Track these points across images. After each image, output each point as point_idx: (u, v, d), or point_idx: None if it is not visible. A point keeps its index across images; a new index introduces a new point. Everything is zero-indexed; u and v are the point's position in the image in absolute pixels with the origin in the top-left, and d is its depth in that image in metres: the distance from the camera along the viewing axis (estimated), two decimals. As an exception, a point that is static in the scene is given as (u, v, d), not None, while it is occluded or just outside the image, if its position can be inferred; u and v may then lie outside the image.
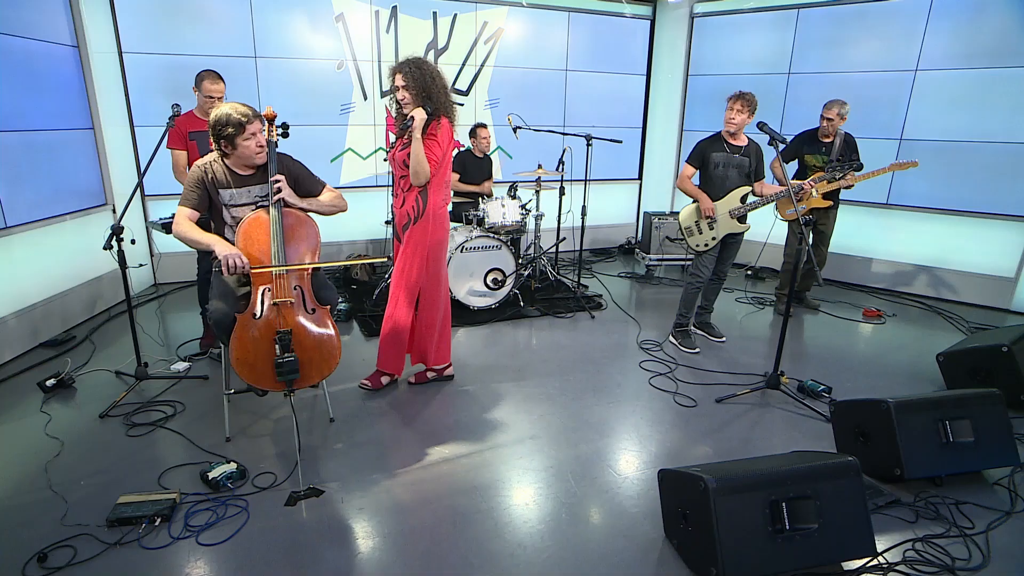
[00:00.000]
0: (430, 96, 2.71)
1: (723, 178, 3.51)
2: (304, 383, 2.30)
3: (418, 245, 2.86)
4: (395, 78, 2.72)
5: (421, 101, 2.70)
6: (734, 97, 3.39)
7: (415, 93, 2.70)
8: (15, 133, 3.40)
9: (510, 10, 5.38)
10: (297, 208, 2.42)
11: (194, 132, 3.36)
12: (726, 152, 3.50)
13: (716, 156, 3.51)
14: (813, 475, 1.90)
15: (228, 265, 2.17)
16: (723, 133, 3.52)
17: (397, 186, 2.89)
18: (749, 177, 3.53)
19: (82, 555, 1.91)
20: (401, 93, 2.71)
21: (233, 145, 2.26)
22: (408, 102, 2.73)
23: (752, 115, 3.36)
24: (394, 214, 2.96)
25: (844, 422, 2.57)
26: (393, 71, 2.74)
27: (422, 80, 2.68)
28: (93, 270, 4.10)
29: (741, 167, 3.50)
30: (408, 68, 2.69)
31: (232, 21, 4.52)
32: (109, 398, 2.92)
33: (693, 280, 3.67)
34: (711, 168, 3.52)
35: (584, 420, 2.87)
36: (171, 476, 2.34)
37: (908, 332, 4.17)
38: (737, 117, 3.37)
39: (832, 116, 3.94)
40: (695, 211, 3.60)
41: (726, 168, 3.50)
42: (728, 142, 3.50)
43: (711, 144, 3.53)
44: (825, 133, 4.03)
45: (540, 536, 2.08)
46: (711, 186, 3.55)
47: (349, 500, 2.22)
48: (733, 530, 1.81)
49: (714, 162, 3.51)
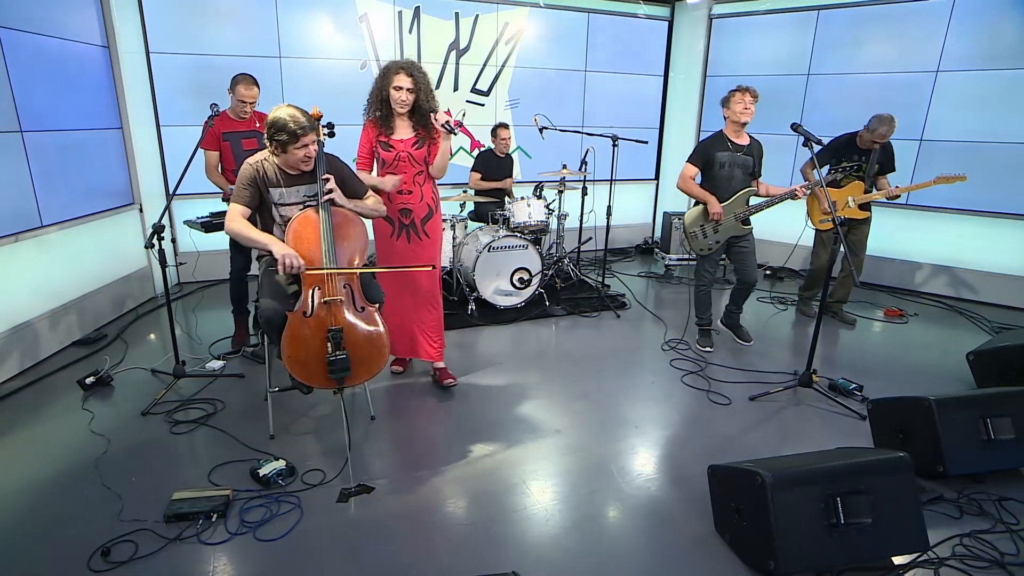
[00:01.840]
0: (429, 100, 2.78)
1: (728, 178, 3.42)
2: (354, 380, 2.32)
3: (439, 236, 3.03)
4: (397, 77, 2.72)
5: (424, 105, 2.75)
6: (742, 90, 3.29)
7: (422, 96, 2.75)
8: (50, 133, 3.43)
9: (531, 11, 5.41)
10: (344, 208, 2.44)
11: (227, 133, 3.39)
12: (731, 151, 3.40)
13: (721, 156, 3.40)
14: (866, 470, 1.93)
15: (285, 265, 2.20)
16: (725, 132, 3.42)
17: (406, 181, 2.89)
18: (751, 176, 3.47)
19: (144, 550, 1.93)
20: (405, 95, 2.73)
21: (284, 150, 2.29)
22: (408, 105, 2.76)
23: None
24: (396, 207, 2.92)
25: (882, 420, 2.59)
26: (395, 69, 2.73)
27: (427, 85, 2.76)
28: (122, 269, 4.13)
29: (745, 166, 3.42)
30: (419, 72, 2.73)
31: (257, 21, 4.55)
32: (147, 396, 2.95)
33: (699, 283, 3.66)
34: (716, 168, 3.42)
35: (621, 417, 2.90)
36: (219, 473, 2.36)
37: (931, 332, 4.20)
38: (752, 108, 3.28)
39: (882, 137, 3.75)
40: (701, 214, 3.50)
41: (731, 168, 3.41)
42: (732, 141, 3.40)
43: (715, 143, 3.43)
44: (864, 142, 3.88)
45: (591, 531, 2.10)
46: (716, 187, 3.44)
47: (400, 497, 2.24)
48: (789, 524, 1.83)
49: (719, 162, 3.40)
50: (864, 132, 3.85)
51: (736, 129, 3.41)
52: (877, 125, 3.75)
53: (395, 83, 2.73)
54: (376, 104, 2.83)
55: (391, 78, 2.74)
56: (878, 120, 3.76)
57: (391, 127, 2.83)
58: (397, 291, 2.98)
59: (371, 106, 2.86)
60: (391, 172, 2.88)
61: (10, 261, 3.14)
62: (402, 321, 3.07)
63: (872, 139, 3.80)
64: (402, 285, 3.00)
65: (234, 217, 2.35)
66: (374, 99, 2.84)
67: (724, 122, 3.47)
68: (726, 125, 3.45)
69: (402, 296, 3.02)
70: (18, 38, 3.17)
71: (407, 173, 2.89)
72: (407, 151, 2.86)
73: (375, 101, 2.83)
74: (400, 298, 3.01)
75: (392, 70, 2.74)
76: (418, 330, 3.10)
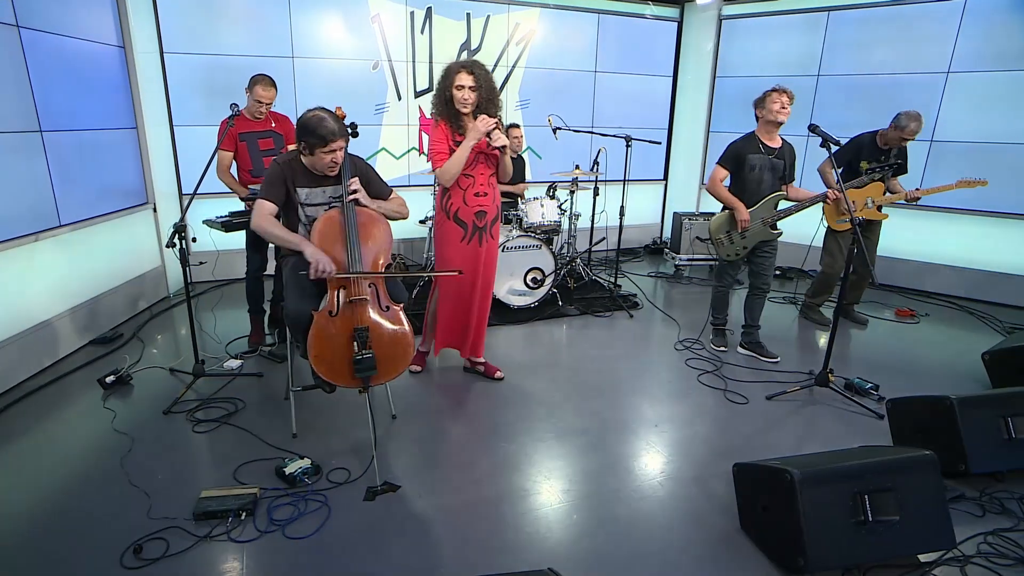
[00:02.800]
0: (493, 100, 2.74)
1: (759, 182, 3.34)
2: (380, 379, 2.33)
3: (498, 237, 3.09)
4: (458, 76, 2.70)
5: (484, 105, 2.71)
6: (779, 90, 3.20)
7: (483, 96, 2.71)
8: (67, 133, 3.44)
9: (542, 12, 5.43)
10: (369, 209, 2.45)
11: (244, 133, 3.41)
12: (762, 154, 3.31)
13: (753, 158, 3.31)
14: (893, 468, 1.94)
15: (318, 269, 2.21)
16: (758, 134, 3.34)
17: (482, 183, 2.88)
18: (782, 180, 3.41)
19: (175, 547, 1.94)
20: (467, 94, 2.70)
21: (311, 152, 2.30)
22: (471, 103, 2.73)
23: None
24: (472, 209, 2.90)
25: (902, 418, 2.61)
26: (456, 69, 2.71)
27: (490, 84, 2.71)
28: (136, 268, 4.14)
29: (776, 170, 3.35)
30: (481, 70, 2.69)
31: (270, 22, 4.56)
32: (166, 394, 2.96)
33: (719, 284, 3.64)
34: (746, 171, 3.33)
35: (640, 416, 2.91)
36: (245, 471, 2.37)
37: (943, 332, 4.21)
38: (789, 109, 3.19)
39: (912, 135, 3.70)
40: (728, 220, 3.43)
41: (762, 171, 3.32)
42: (764, 143, 3.31)
43: (746, 145, 3.33)
44: (887, 142, 3.85)
45: (617, 529, 2.11)
46: (745, 191, 3.36)
47: (426, 496, 2.26)
48: (818, 521, 1.84)
49: (750, 164, 3.31)
50: (891, 131, 3.78)
51: (769, 131, 3.32)
52: (908, 122, 3.69)
53: (457, 82, 2.69)
54: (440, 106, 2.79)
55: (452, 78, 2.71)
56: (908, 117, 3.70)
57: (462, 126, 2.78)
58: (466, 288, 3.01)
59: (435, 107, 2.83)
60: (468, 174, 2.85)
61: (30, 260, 3.15)
62: (456, 313, 3.08)
63: (902, 136, 3.74)
64: (470, 284, 3.01)
65: (262, 214, 2.36)
66: (438, 100, 2.80)
67: (756, 123, 3.36)
68: (758, 126, 3.35)
69: (472, 293, 3.04)
70: (38, 38, 3.18)
71: (483, 175, 2.87)
72: (483, 151, 2.83)
73: (439, 103, 2.79)
74: (468, 294, 3.03)
75: (453, 69, 2.72)
76: (474, 324, 3.11)
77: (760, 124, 3.34)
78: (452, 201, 2.89)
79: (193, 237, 2.91)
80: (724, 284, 3.63)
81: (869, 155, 3.90)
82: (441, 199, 2.93)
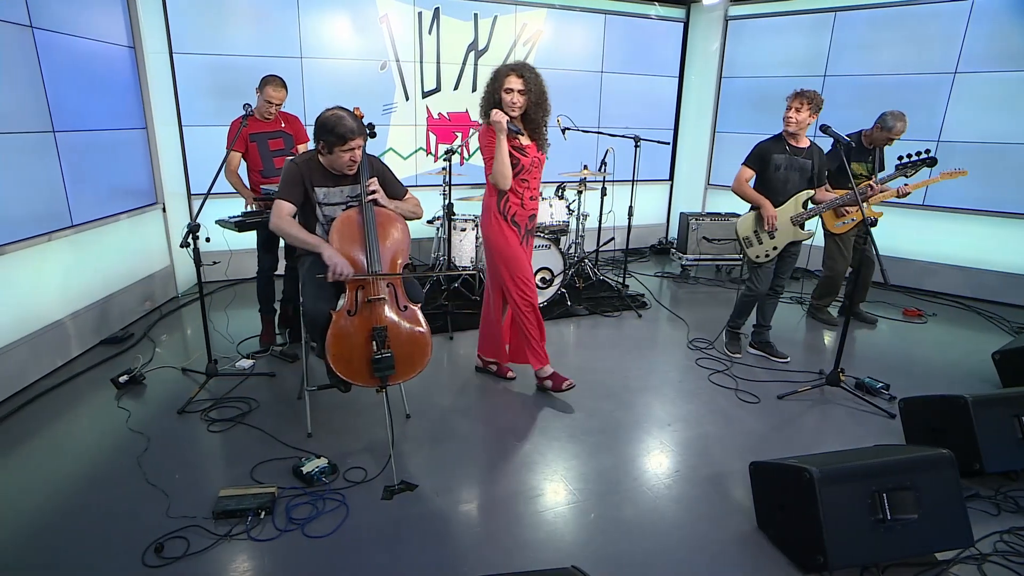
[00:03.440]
0: (541, 104, 2.67)
1: (784, 181, 3.32)
2: (398, 379, 2.34)
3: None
4: (508, 80, 2.65)
5: (533, 109, 2.66)
6: (793, 95, 3.22)
7: (532, 99, 2.65)
8: (79, 133, 3.44)
9: (548, 12, 5.44)
10: (387, 208, 2.46)
11: (254, 134, 3.42)
12: (788, 154, 3.31)
13: (778, 158, 3.30)
14: (911, 467, 1.95)
15: (336, 273, 2.22)
16: (784, 134, 3.33)
17: (535, 186, 2.88)
18: (811, 181, 3.38)
19: (195, 546, 1.95)
20: (516, 97, 2.64)
21: (330, 151, 2.31)
22: (520, 107, 2.67)
23: (816, 114, 3.20)
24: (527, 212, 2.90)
25: (915, 418, 2.62)
26: (505, 72, 2.65)
27: (539, 87, 2.65)
28: (145, 268, 4.14)
29: (804, 170, 3.34)
30: (531, 73, 2.62)
31: (279, 22, 4.56)
32: (179, 394, 2.97)
33: (747, 292, 3.53)
34: (771, 170, 3.32)
35: (652, 416, 2.92)
36: (261, 471, 2.38)
37: (951, 332, 4.22)
38: (795, 116, 3.20)
39: (898, 134, 3.73)
40: (755, 219, 3.39)
41: (788, 171, 3.31)
42: (790, 143, 3.31)
43: (772, 145, 3.33)
44: (872, 142, 3.90)
45: (634, 528, 2.12)
46: (771, 190, 3.34)
47: (443, 495, 2.26)
48: (837, 519, 1.85)
49: (775, 164, 3.30)
50: (876, 131, 3.82)
51: (792, 131, 3.29)
52: (894, 123, 3.73)
53: (506, 85, 2.65)
54: (489, 109, 2.72)
55: (501, 81, 2.67)
56: (894, 117, 3.74)
57: (521, 130, 2.72)
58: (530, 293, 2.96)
59: (483, 110, 2.77)
60: (524, 178, 2.80)
61: (43, 260, 3.16)
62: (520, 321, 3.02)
63: (890, 136, 3.78)
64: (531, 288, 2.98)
65: (281, 214, 2.37)
66: (487, 104, 2.75)
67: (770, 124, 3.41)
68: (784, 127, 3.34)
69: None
70: (51, 39, 3.18)
71: (536, 179, 2.84)
72: (537, 156, 2.80)
73: (488, 106, 2.73)
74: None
75: (502, 72, 2.68)
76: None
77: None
78: (510, 205, 2.83)
79: (207, 237, 2.90)
80: (754, 290, 3.49)
81: (857, 156, 3.93)
82: (497, 202, 2.83)
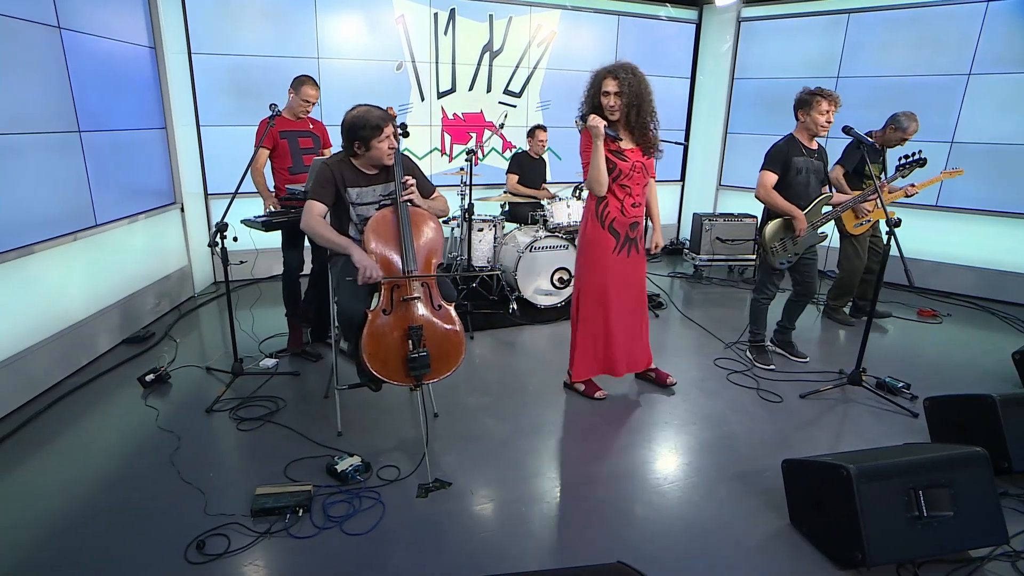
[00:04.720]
0: (640, 108, 2.59)
1: (805, 185, 3.23)
2: (432, 377, 2.35)
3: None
4: (605, 83, 2.58)
5: (626, 111, 2.58)
6: (824, 95, 3.09)
7: (626, 102, 2.57)
8: (103, 133, 3.46)
9: (563, 13, 5.46)
10: (421, 208, 2.48)
11: (285, 131, 3.44)
12: (805, 156, 3.21)
13: (798, 161, 3.19)
14: (946, 464, 1.97)
15: (365, 276, 2.23)
16: (796, 135, 3.25)
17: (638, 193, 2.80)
18: (822, 183, 3.36)
19: (236, 543, 1.97)
20: (612, 100, 2.58)
21: (367, 147, 2.32)
22: (617, 110, 2.60)
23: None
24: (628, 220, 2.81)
25: (941, 417, 2.64)
26: (603, 74, 2.59)
27: (635, 88, 2.56)
28: (163, 268, 4.16)
29: (818, 172, 3.27)
30: (626, 74, 2.54)
31: (296, 23, 4.59)
32: (205, 392, 2.98)
33: (760, 297, 3.49)
34: (792, 175, 3.20)
35: (677, 414, 2.94)
36: (294, 469, 2.39)
37: (966, 332, 4.24)
38: (832, 119, 3.11)
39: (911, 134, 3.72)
40: (782, 228, 3.26)
41: (808, 174, 3.23)
42: (805, 145, 3.23)
43: (790, 148, 3.21)
44: (884, 143, 3.89)
45: (669, 525, 2.14)
46: (794, 195, 3.23)
47: (477, 492, 2.28)
48: (874, 516, 1.87)
49: (796, 167, 3.19)
50: (889, 132, 3.85)
51: (808, 134, 3.25)
52: (908, 123, 3.76)
53: (604, 88, 2.59)
54: (586, 114, 2.66)
55: (600, 84, 2.61)
56: (907, 118, 3.76)
57: (618, 135, 2.66)
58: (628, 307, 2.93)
59: (581, 115, 2.71)
60: (624, 184, 2.73)
61: (68, 259, 3.17)
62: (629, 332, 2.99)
63: (904, 137, 3.80)
64: (635, 301, 2.97)
65: (312, 215, 2.38)
66: (586, 108, 2.70)
67: (796, 124, 3.26)
68: (797, 128, 3.25)
69: (634, 311, 2.98)
70: (77, 39, 3.20)
71: (639, 184, 2.76)
72: (640, 161, 2.73)
73: (588, 110, 2.68)
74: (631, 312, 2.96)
75: (600, 75, 2.61)
76: (639, 336, 3.05)
77: (800, 127, 3.25)
78: (609, 210, 2.77)
79: (234, 236, 2.92)
80: (766, 296, 3.49)
81: (872, 158, 3.88)
82: (596, 207, 2.78)
